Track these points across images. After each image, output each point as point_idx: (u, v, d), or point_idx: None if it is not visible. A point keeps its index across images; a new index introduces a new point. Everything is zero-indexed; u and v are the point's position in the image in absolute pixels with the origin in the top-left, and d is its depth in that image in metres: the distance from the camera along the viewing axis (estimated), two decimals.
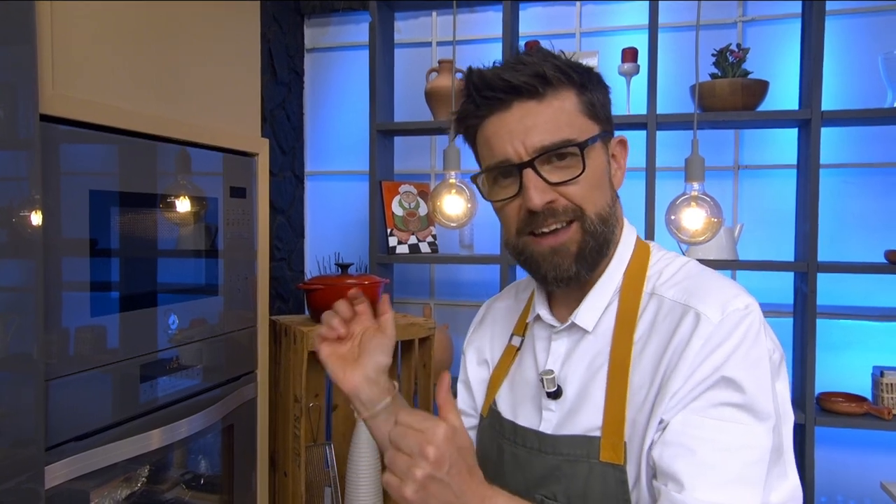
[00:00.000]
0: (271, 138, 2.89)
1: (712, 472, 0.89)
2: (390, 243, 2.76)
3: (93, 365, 1.32)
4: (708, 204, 1.86)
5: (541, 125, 0.99)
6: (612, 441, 0.99)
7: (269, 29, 2.87)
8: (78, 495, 1.31)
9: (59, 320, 1.25)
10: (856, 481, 2.53)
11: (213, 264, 1.67)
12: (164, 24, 1.53)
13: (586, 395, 1.03)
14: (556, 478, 1.01)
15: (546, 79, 0.99)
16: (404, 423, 0.87)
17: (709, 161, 2.74)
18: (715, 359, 0.93)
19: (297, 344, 1.92)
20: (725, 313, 0.95)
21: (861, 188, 2.63)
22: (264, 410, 1.86)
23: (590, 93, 1.03)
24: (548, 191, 1.00)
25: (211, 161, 1.66)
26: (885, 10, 2.59)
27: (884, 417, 2.32)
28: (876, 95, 2.51)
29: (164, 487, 1.70)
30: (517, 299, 1.26)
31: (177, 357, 1.55)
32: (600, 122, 1.04)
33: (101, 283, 1.35)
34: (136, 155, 1.44)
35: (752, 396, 0.91)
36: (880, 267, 2.36)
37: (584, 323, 1.06)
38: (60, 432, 1.25)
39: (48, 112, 1.19)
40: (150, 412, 1.47)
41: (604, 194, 1.04)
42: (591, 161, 1.01)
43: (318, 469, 2.18)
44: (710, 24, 2.77)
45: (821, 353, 2.51)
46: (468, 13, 3.02)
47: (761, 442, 0.91)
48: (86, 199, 1.29)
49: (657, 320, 1.01)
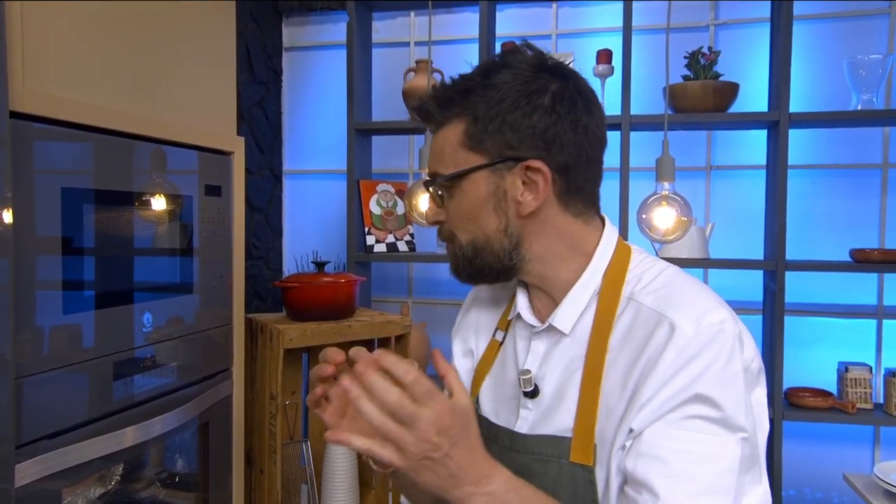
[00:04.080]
0: (249, 137, 2.86)
1: (686, 483, 0.90)
2: (368, 242, 2.74)
3: (65, 363, 1.30)
4: (678, 203, 1.87)
5: (432, 152, 1.07)
6: (582, 442, 1.00)
7: (246, 27, 2.84)
8: (49, 494, 1.28)
9: (30, 318, 1.22)
10: (822, 474, 2.56)
11: (188, 262, 1.65)
12: (139, 20, 1.51)
13: (562, 396, 1.04)
14: (527, 476, 0.99)
15: (448, 105, 1.03)
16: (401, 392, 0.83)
17: (681, 161, 2.76)
18: (688, 373, 0.93)
19: (273, 342, 1.90)
20: (700, 327, 0.95)
21: (828, 189, 2.66)
22: (240, 408, 1.84)
23: (486, 121, 1.00)
24: (439, 212, 1.07)
25: (186, 159, 1.64)
26: (850, 15, 2.62)
27: (848, 411, 2.35)
28: (841, 98, 2.54)
29: (139, 486, 1.68)
30: (504, 290, 1.23)
31: (151, 355, 1.53)
32: (487, 152, 1.02)
33: (74, 281, 1.32)
34: (110, 153, 1.41)
35: (725, 412, 0.92)
36: (846, 265, 2.39)
37: (562, 325, 1.06)
38: (31, 430, 1.23)
39: (18, 109, 1.16)
40: (124, 410, 1.45)
41: (480, 224, 1.04)
42: (462, 193, 1.03)
43: (294, 466, 2.16)
44: (683, 27, 2.78)
45: (788, 349, 2.53)
46: (446, 14, 3.01)
47: (731, 452, 0.92)
48: (58, 197, 1.26)
49: (634, 326, 1.01)
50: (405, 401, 0.81)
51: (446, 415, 0.83)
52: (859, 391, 2.41)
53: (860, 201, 2.63)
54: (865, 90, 2.41)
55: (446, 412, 0.83)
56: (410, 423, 0.81)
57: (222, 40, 1.81)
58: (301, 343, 1.90)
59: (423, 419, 0.81)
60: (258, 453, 2.02)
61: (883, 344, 2.61)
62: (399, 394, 0.81)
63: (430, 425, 0.81)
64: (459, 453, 0.85)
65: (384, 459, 0.84)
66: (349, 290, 2.05)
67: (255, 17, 2.91)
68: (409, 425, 0.81)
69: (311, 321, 1.99)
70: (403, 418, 0.81)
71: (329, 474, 2.12)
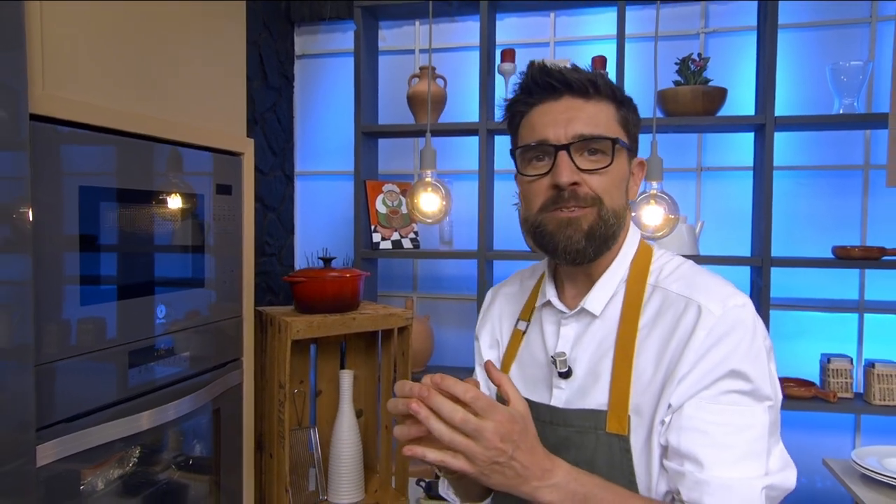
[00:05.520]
0: (262, 140, 2.87)
1: (726, 451, 0.96)
2: (374, 239, 2.75)
3: (83, 351, 1.31)
4: (666, 202, 1.86)
5: (583, 118, 1.06)
6: (617, 414, 1.04)
7: (260, 36, 2.85)
8: (69, 473, 1.29)
9: (51, 310, 1.23)
10: (807, 460, 2.54)
11: (200, 258, 1.66)
12: (152, 26, 1.51)
13: (595, 374, 1.08)
14: (566, 447, 1.07)
15: (596, 85, 1.07)
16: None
17: (674, 163, 2.77)
18: (720, 351, 0.99)
19: (281, 333, 1.90)
20: (726, 308, 1.00)
21: (812, 189, 2.65)
22: (250, 395, 1.85)
23: (626, 111, 1.11)
24: (576, 173, 1.05)
25: (199, 160, 1.64)
26: (833, 24, 2.61)
27: (829, 400, 2.35)
28: (824, 103, 2.54)
29: (155, 468, 1.69)
30: (522, 287, 1.30)
31: (165, 345, 1.54)
32: (630, 137, 1.11)
33: (92, 275, 1.33)
34: (127, 154, 1.42)
35: (755, 384, 0.98)
36: (828, 261, 2.38)
37: (593, 308, 1.11)
38: (52, 414, 1.24)
39: (38, 112, 1.17)
40: (139, 396, 1.46)
41: (621, 195, 1.10)
42: (617, 161, 1.07)
43: (303, 451, 2.17)
44: (675, 35, 2.78)
45: (775, 341, 2.49)
46: (449, 23, 3.01)
47: (761, 420, 0.98)
48: (76, 196, 1.27)
49: (662, 310, 1.06)
50: (469, 417, 0.87)
51: (506, 423, 0.89)
52: (840, 381, 2.40)
53: (843, 201, 2.62)
54: (847, 95, 2.40)
55: (506, 420, 0.89)
56: (477, 436, 0.87)
57: (232, 46, 1.82)
58: (308, 334, 1.91)
59: (487, 430, 0.87)
60: (268, 439, 2.02)
61: (864, 336, 2.59)
62: (463, 412, 0.87)
63: (493, 434, 0.87)
64: (522, 454, 0.91)
65: (457, 468, 0.89)
66: (354, 284, 2.05)
67: (268, 26, 2.91)
68: (476, 438, 0.87)
69: (317, 314, 1.99)
70: (470, 432, 0.87)
71: (335, 459, 2.12)
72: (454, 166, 2.97)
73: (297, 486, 2.13)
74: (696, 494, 0.97)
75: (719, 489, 0.95)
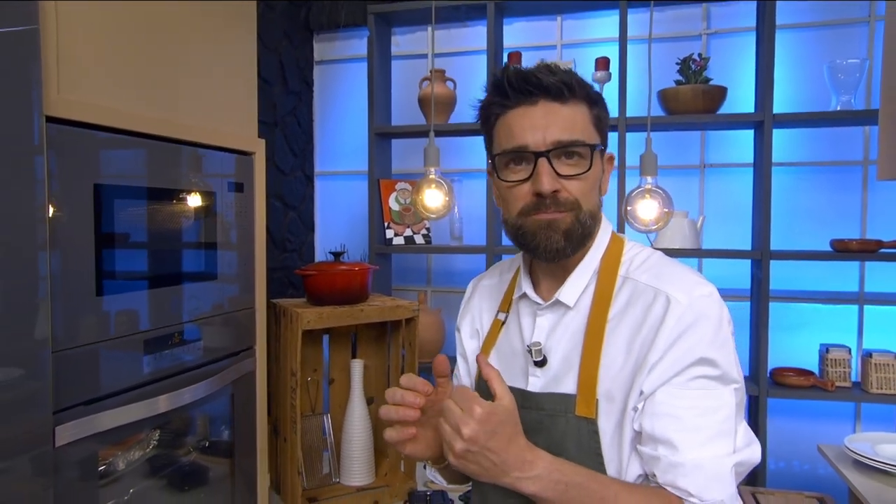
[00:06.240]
0: (283, 142, 2.92)
1: (698, 433, 0.99)
2: (387, 235, 2.78)
3: (100, 339, 1.35)
4: (660, 196, 1.86)
5: (560, 123, 1.05)
6: (585, 398, 1.06)
7: (280, 43, 2.90)
8: (86, 453, 1.33)
9: (69, 300, 1.27)
10: (806, 447, 2.53)
11: (213, 251, 1.70)
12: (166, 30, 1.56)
13: (568, 362, 1.10)
14: (537, 431, 1.08)
15: (571, 87, 1.06)
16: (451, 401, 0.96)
17: (678, 160, 2.76)
18: (689, 339, 1.00)
19: (293, 323, 1.95)
20: (692, 297, 1.02)
21: (811, 184, 2.63)
22: (262, 382, 1.89)
23: (598, 109, 1.11)
24: (556, 180, 1.05)
25: (213, 159, 1.69)
26: (830, 24, 2.59)
27: (827, 389, 2.33)
28: (822, 100, 2.51)
29: (174, 451, 1.74)
30: (501, 279, 1.31)
31: (181, 333, 1.58)
32: (602, 136, 1.12)
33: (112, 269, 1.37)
34: (144, 154, 1.46)
35: (723, 369, 1.01)
36: (826, 254, 2.36)
37: (567, 299, 1.12)
38: (71, 397, 1.28)
39: (53, 114, 1.22)
40: (156, 381, 1.50)
41: (596, 195, 1.11)
42: (594, 164, 1.08)
43: (317, 436, 2.21)
44: (679, 36, 2.78)
45: (776, 332, 2.51)
46: (461, 28, 3.04)
47: (728, 401, 1.01)
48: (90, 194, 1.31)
49: (631, 300, 1.07)
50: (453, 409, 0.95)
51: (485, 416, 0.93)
52: (838, 370, 2.38)
53: (843, 196, 2.59)
54: (844, 92, 2.38)
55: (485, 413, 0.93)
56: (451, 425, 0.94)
57: (245, 49, 1.86)
58: (318, 325, 1.95)
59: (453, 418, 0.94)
60: (282, 424, 2.07)
61: (864, 328, 2.57)
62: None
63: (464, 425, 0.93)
64: (497, 445, 0.94)
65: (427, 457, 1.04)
66: (362, 277, 2.08)
67: (288, 34, 2.96)
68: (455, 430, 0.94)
69: (327, 305, 2.03)
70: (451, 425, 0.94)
71: (347, 444, 2.16)
72: (464, 165, 2.99)
73: (312, 468, 2.18)
74: (670, 476, 0.98)
75: (692, 470, 0.97)
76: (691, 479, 0.97)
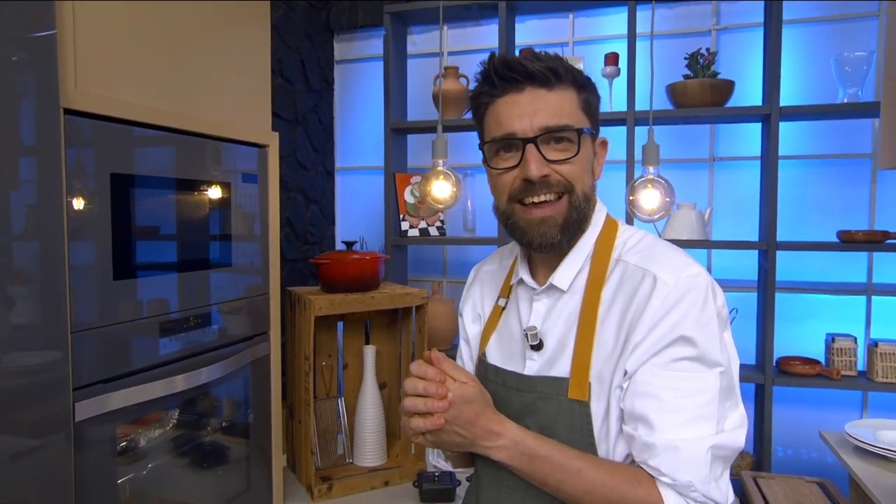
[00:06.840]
0: (305, 139, 2.96)
1: (677, 415, 0.97)
2: (403, 227, 2.81)
3: (118, 321, 1.38)
4: (662, 186, 1.86)
5: (547, 109, 1.04)
6: (578, 381, 1.05)
7: (301, 44, 2.93)
8: (105, 428, 1.37)
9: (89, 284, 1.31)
10: (813, 435, 2.50)
11: (229, 239, 1.73)
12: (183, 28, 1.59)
13: (563, 345, 1.09)
14: (529, 413, 1.08)
15: (557, 73, 1.05)
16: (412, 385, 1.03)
17: (687, 154, 2.75)
18: (672, 318, 0.99)
19: (306, 310, 1.98)
20: (679, 278, 1.01)
21: (818, 176, 2.59)
22: (277, 365, 1.92)
23: (587, 94, 1.09)
24: (545, 165, 1.05)
25: (229, 152, 1.72)
26: (837, 18, 2.56)
27: (833, 377, 2.30)
28: (829, 93, 2.48)
29: (193, 430, 1.77)
30: (501, 265, 1.31)
31: (196, 317, 1.61)
32: (592, 120, 1.10)
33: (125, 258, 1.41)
34: (163, 147, 1.50)
35: (703, 350, 0.98)
36: (832, 245, 2.33)
37: (560, 283, 1.12)
38: (90, 375, 1.32)
39: (71, 107, 1.25)
40: (173, 361, 1.53)
41: (588, 178, 1.10)
42: (583, 147, 1.07)
43: (331, 419, 2.24)
44: (689, 32, 2.76)
45: (782, 322, 2.49)
46: (475, 27, 3.05)
47: (712, 385, 0.98)
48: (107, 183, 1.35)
49: (622, 282, 1.06)
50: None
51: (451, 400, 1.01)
52: (844, 359, 2.36)
53: (851, 188, 2.56)
54: (851, 84, 2.35)
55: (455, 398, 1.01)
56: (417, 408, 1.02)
57: (258, 46, 1.88)
58: (329, 311, 1.97)
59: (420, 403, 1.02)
60: (297, 407, 2.10)
61: (872, 318, 2.53)
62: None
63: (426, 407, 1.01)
64: (463, 422, 1.01)
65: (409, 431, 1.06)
66: (373, 265, 2.10)
67: (309, 35, 3.00)
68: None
69: (340, 293, 2.05)
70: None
71: (360, 426, 2.19)
72: (477, 159, 2.99)
73: (326, 450, 2.21)
74: (644, 455, 0.98)
75: (665, 450, 0.96)
76: (663, 459, 0.96)
